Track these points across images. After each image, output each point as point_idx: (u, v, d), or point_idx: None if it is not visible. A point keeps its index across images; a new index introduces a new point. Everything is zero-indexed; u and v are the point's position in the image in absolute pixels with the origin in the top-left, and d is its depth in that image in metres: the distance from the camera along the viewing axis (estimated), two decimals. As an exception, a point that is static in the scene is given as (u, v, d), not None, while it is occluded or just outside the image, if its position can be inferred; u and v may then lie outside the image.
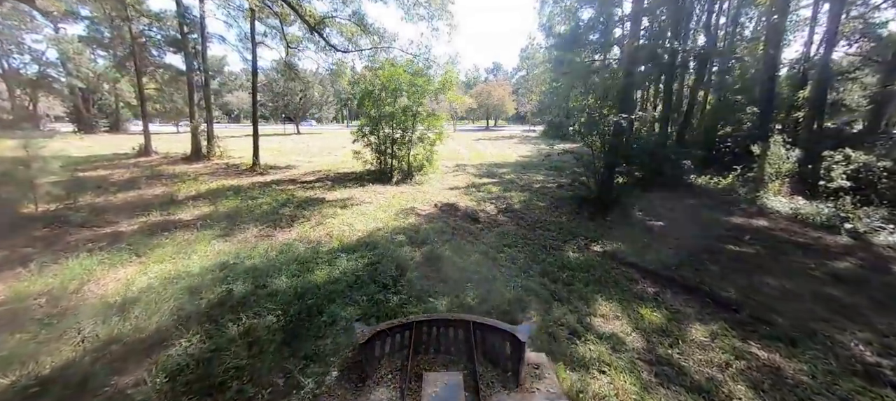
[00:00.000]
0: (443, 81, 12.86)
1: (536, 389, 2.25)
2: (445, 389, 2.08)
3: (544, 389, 2.25)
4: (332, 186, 11.42)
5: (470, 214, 8.28)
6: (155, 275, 4.88)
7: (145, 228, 7.04)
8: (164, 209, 8.28)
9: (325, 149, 24.48)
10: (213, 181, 11.92)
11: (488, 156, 21.12)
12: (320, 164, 17.05)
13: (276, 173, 14.09)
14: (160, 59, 21.55)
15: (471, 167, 16.26)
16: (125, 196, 9.72)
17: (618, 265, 5.59)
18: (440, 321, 2.60)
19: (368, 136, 13.25)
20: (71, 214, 7.58)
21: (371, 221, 7.48)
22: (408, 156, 13.15)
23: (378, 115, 12.84)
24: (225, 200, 9.25)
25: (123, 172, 13.38)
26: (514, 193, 10.73)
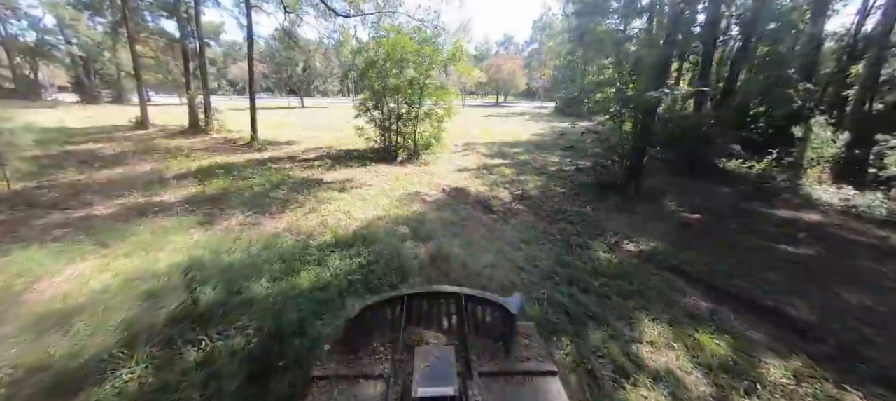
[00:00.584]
0: (452, 51, 11.69)
1: (526, 358, 2.27)
2: (437, 360, 2.06)
3: (533, 357, 2.29)
4: (332, 165, 10.58)
5: (482, 201, 7.42)
6: (116, 272, 4.16)
7: (122, 211, 6.32)
8: (148, 190, 7.54)
9: (329, 124, 23.49)
10: (206, 158, 11.14)
11: (499, 134, 19.99)
12: (322, 140, 16.16)
13: (275, 150, 13.26)
14: (155, 25, 20.40)
15: (481, 146, 15.24)
16: (110, 173, 9.00)
17: (658, 270, 4.74)
18: (431, 294, 2.62)
19: (372, 111, 12.27)
20: (43, 194, 6.89)
21: (371, 208, 6.67)
22: (414, 133, 12.19)
23: (382, 87, 11.80)
24: (214, 179, 8.48)
25: (115, 146, 12.66)
26: (530, 176, 9.79)
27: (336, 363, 2.21)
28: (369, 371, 2.14)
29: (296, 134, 17.94)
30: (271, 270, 4.22)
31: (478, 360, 2.23)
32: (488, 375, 2.12)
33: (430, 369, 2.00)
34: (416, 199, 7.37)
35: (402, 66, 11.83)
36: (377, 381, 2.09)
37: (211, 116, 17.03)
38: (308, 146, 14.26)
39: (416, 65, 11.61)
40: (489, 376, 2.11)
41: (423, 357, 2.09)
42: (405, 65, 11.75)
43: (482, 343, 2.41)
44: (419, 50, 11.41)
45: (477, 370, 2.11)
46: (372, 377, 2.11)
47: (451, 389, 1.85)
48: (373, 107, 12.20)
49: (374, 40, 12.59)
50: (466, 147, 14.83)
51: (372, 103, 12.18)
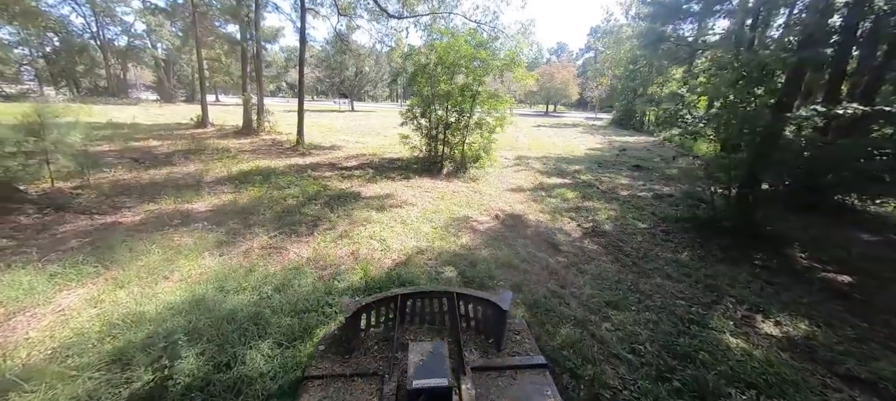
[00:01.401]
0: (511, 56, 10.42)
1: (517, 353, 2.32)
2: (430, 356, 2.04)
3: (524, 353, 2.33)
4: (373, 177, 9.72)
5: (545, 235, 6.04)
6: (101, 312, 3.40)
7: (147, 221, 5.79)
8: (182, 196, 7.08)
9: (375, 129, 23.15)
10: (248, 161, 10.83)
11: (552, 147, 18.30)
12: (366, 146, 15.57)
13: (318, 155, 12.79)
14: (222, 29, 21.31)
15: (534, 161, 13.75)
16: (154, 173, 8.82)
17: (830, 376, 3.11)
18: (424, 293, 2.64)
19: (419, 118, 11.33)
20: (78, 196, 6.62)
21: (411, 237, 5.57)
22: (462, 144, 11.06)
23: (431, 94, 10.82)
24: (250, 187, 7.92)
25: (169, 144, 12.90)
26: (598, 203, 8.19)
27: (330, 362, 2.20)
28: (364, 369, 2.14)
29: (341, 138, 17.61)
30: (280, 327, 3.22)
31: (470, 355, 2.27)
32: (480, 369, 2.14)
33: (424, 364, 1.98)
34: (464, 226, 6.17)
35: (454, 71, 10.79)
36: (372, 378, 2.08)
37: (263, 117, 17.19)
38: (351, 153, 13.68)
39: (468, 70, 10.50)
40: (481, 370, 2.14)
41: (417, 352, 2.06)
42: (457, 70, 10.69)
43: (474, 339, 2.45)
44: (473, 54, 10.29)
45: (469, 365, 2.13)
46: (367, 375, 2.10)
47: (444, 381, 1.83)
48: (420, 114, 11.26)
49: (425, 44, 11.66)
50: (518, 161, 13.41)
51: (419, 110, 11.25)
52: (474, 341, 2.45)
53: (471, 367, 2.14)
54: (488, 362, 2.24)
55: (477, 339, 2.48)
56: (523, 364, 2.22)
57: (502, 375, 2.14)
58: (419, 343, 2.21)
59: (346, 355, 2.29)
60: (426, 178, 9.93)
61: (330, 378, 2.09)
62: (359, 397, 1.98)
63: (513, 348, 2.40)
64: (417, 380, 1.84)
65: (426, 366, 1.97)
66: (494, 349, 2.37)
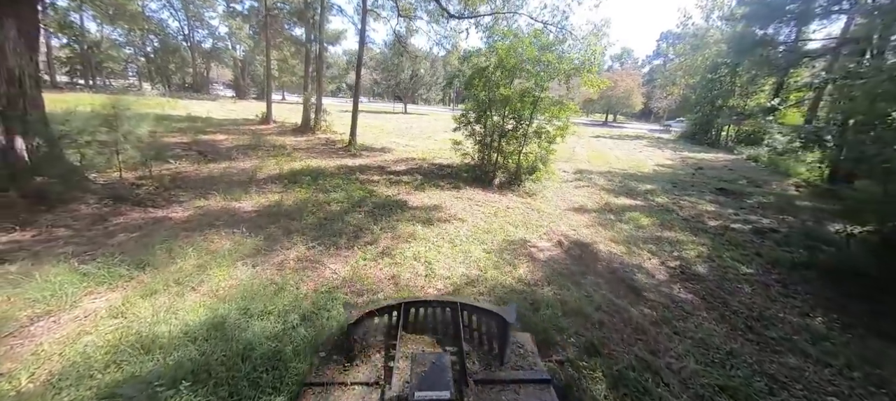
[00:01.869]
0: (583, 59, 9.31)
1: (520, 367, 2.28)
2: (433, 368, 2.02)
3: (527, 367, 2.29)
4: (421, 184, 9.15)
5: (621, 273, 4.96)
6: (115, 328, 3.07)
7: (193, 218, 5.67)
8: (231, 193, 7.00)
9: (426, 132, 22.87)
10: (301, 160, 10.83)
11: (615, 160, 16.59)
12: (416, 149, 15.18)
13: (367, 156, 12.58)
14: (289, 32, 22.36)
15: (597, 175, 12.37)
16: (212, 168, 9.02)
17: None
18: (429, 303, 2.60)
19: (473, 124, 10.60)
20: (138, 187, 6.77)
21: (460, 261, 4.82)
22: (518, 154, 10.12)
23: (487, 98, 10.04)
24: (297, 188, 7.71)
25: (233, 139, 13.47)
26: (682, 234, 6.84)
27: (331, 370, 2.17)
28: (365, 378, 2.10)
29: (392, 141, 17.45)
30: (298, 375, 2.63)
31: (473, 367, 2.23)
32: (483, 382, 2.10)
33: (426, 375, 1.96)
34: (521, 252, 5.29)
35: (515, 74, 9.92)
36: (373, 387, 2.03)
37: (320, 117, 17.58)
38: (400, 156, 13.32)
39: (531, 74, 9.56)
40: (484, 383, 2.10)
41: (420, 364, 2.05)
42: (518, 73, 9.81)
43: (477, 351, 2.41)
44: (538, 57, 9.34)
45: (472, 378, 2.10)
46: (367, 384, 2.05)
47: (446, 393, 1.80)
48: (474, 119, 10.52)
49: (486, 46, 10.92)
50: (578, 176, 12.13)
51: (474, 115, 10.52)
52: (477, 354, 2.40)
53: (474, 380, 2.09)
54: (491, 375, 2.19)
55: (480, 351, 2.43)
56: (527, 378, 2.16)
57: (505, 389, 2.08)
58: (422, 354, 2.17)
59: (346, 363, 2.23)
60: (477, 189, 9.16)
61: (329, 386, 2.03)
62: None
63: (516, 361, 2.36)
64: (419, 392, 1.78)
65: (428, 378, 1.93)
66: (497, 363, 2.31)
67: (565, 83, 9.85)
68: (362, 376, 2.12)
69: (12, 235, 4.50)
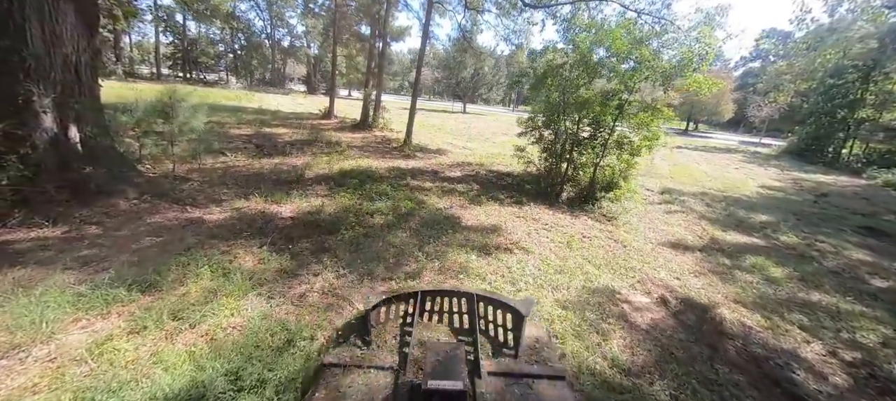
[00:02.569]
0: (687, 55, 7.40)
1: (535, 361, 2.26)
2: (447, 358, 2.02)
3: (543, 361, 2.26)
4: (478, 195, 7.98)
5: (770, 369, 3.30)
6: (82, 376, 2.36)
7: (227, 222, 5.12)
8: (273, 195, 6.44)
9: (484, 134, 21.62)
10: (353, 159, 10.27)
11: (705, 178, 13.89)
12: (474, 153, 14.03)
13: (422, 158, 11.71)
14: (356, 28, 22.49)
15: (689, 198, 10.17)
16: (263, 164, 8.73)
17: None
18: (446, 292, 2.63)
19: (541, 129, 9.16)
20: (183, 183, 6.50)
21: (527, 319, 3.57)
22: (594, 167, 8.48)
23: (561, 100, 8.53)
24: (343, 192, 6.99)
25: (291, 134, 13.48)
26: (841, 298, 4.82)
27: (348, 352, 2.20)
28: (380, 362, 2.12)
29: (448, 141, 16.50)
30: None
31: (487, 359, 2.24)
32: (496, 374, 2.10)
33: (440, 365, 1.95)
34: (610, 311, 3.88)
35: (597, 73, 8.30)
36: (386, 372, 2.05)
37: (378, 114, 17.22)
38: (456, 159, 12.26)
39: (618, 74, 7.88)
40: (498, 375, 2.10)
41: (434, 352, 2.08)
42: (602, 73, 8.18)
43: (492, 343, 2.43)
44: (629, 52, 7.64)
45: (486, 369, 2.10)
46: (382, 368, 2.07)
47: (459, 384, 1.77)
48: (543, 124, 9.08)
49: (563, 41, 9.38)
50: (666, 197, 10.06)
51: (542, 120, 9.08)
52: (492, 345, 2.40)
53: (488, 371, 2.08)
54: (505, 367, 2.17)
55: (495, 343, 2.43)
56: (541, 373, 2.13)
57: (519, 382, 2.05)
58: (437, 343, 2.22)
59: (363, 347, 2.26)
60: (542, 206, 7.75)
61: (346, 368, 2.05)
62: (374, 389, 1.91)
63: (531, 355, 2.32)
64: (433, 381, 1.78)
65: (442, 367, 1.94)
66: (512, 355, 2.30)
67: (662, 85, 7.97)
68: (378, 361, 2.13)
69: (42, 230, 4.21)
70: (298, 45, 45.97)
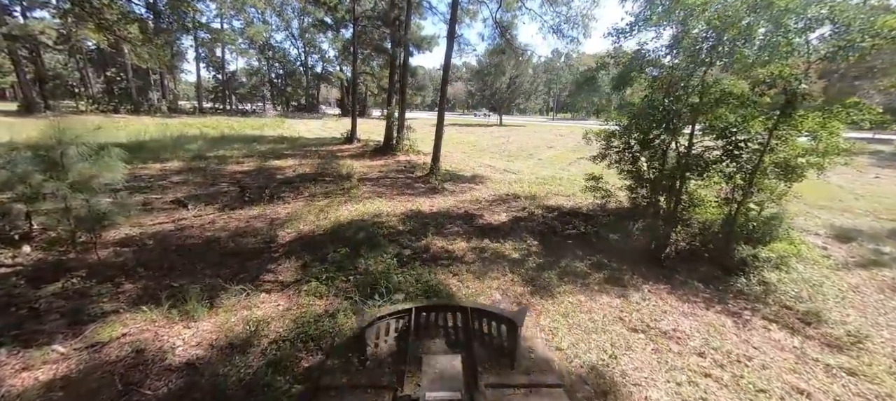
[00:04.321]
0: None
1: (532, 371, 2.27)
2: (444, 371, 2.04)
3: (539, 371, 2.28)
4: (541, 268, 4.78)
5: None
6: None
7: (47, 389, 2.46)
8: (186, 302, 3.78)
9: (526, 148, 18.32)
10: (362, 200, 7.54)
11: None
12: (519, 177, 10.84)
13: (452, 192, 8.73)
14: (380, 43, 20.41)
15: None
16: (231, 220, 6.22)
17: None
18: (440, 307, 2.63)
19: (635, 150, 5.85)
20: (64, 273, 4.02)
21: None
22: (735, 204, 5.01)
23: (666, 107, 5.22)
24: (321, 277, 4.17)
25: (300, 165, 11.17)
26: None
27: (343, 373, 2.20)
28: (377, 381, 2.12)
29: (485, 163, 13.44)
30: None
31: (484, 371, 2.22)
32: (494, 386, 2.10)
33: (437, 377, 1.98)
34: None
35: (730, 55, 4.93)
36: (384, 391, 2.03)
37: (402, 135, 14.65)
38: (498, 189, 9.15)
39: (782, 50, 4.44)
40: (495, 387, 2.09)
41: (431, 366, 2.09)
42: (746, 54, 4.78)
43: (488, 355, 2.40)
44: (803, 7, 4.19)
45: (483, 381, 2.09)
46: (379, 387, 2.05)
47: (457, 396, 1.82)
48: (639, 142, 5.76)
49: (657, 11, 6.00)
50: (868, 250, 6.18)
51: (637, 136, 5.76)
52: (488, 357, 2.38)
53: (484, 384, 2.08)
54: (502, 379, 2.17)
55: (491, 355, 2.41)
56: (538, 383, 2.14)
57: (516, 393, 2.06)
58: (433, 357, 2.19)
59: (359, 366, 2.25)
60: (650, 278, 4.42)
61: (342, 389, 2.04)
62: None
63: (528, 366, 2.36)
64: (430, 394, 1.82)
65: (439, 379, 1.96)
66: (509, 366, 2.29)
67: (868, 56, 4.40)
68: (375, 378, 2.12)
69: None
70: (331, 69, 45.71)
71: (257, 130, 21.01)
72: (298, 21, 41.21)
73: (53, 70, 28.12)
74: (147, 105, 29.66)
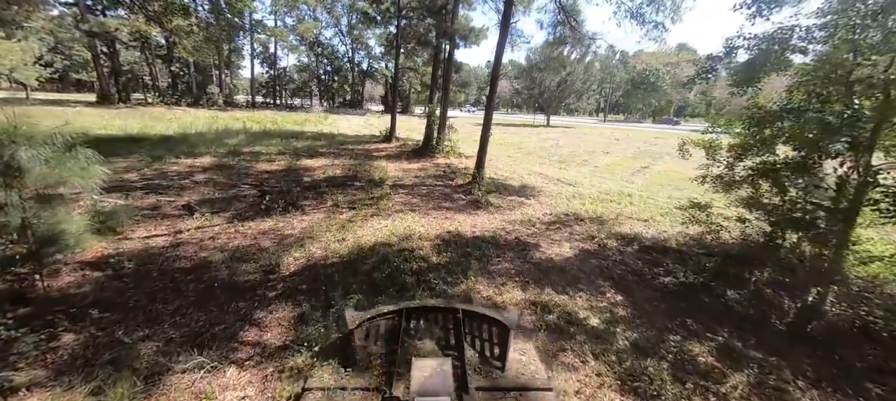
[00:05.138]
0: None
1: (521, 374, 2.26)
2: (434, 373, 2.01)
3: (529, 374, 2.26)
4: (630, 331, 3.20)
5: None
6: None
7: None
8: (136, 371, 2.70)
9: (579, 153, 16.22)
10: (389, 215, 6.29)
11: None
12: (577, 189, 9.04)
13: (498, 210, 7.21)
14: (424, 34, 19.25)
15: None
16: (236, 235, 5.25)
17: None
18: (430, 309, 2.56)
19: (774, 171, 3.99)
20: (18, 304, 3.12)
21: None
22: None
23: (845, 114, 3.33)
24: (316, 332, 2.94)
25: (332, 166, 10.25)
26: None
27: (331, 374, 2.16)
28: (365, 383, 2.10)
29: (535, 170, 11.73)
30: None
31: (474, 374, 2.22)
32: (485, 389, 2.09)
33: (427, 381, 1.94)
34: None
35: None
36: (373, 393, 2.02)
37: (443, 135, 13.34)
38: (555, 208, 7.48)
39: None
40: (485, 390, 2.09)
41: (420, 369, 2.05)
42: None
43: (478, 357, 2.40)
44: None
45: (473, 384, 2.07)
46: (368, 389, 2.04)
47: (447, 399, 1.81)
48: (791, 165, 3.89)
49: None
50: None
51: (799, 154, 3.89)
52: (479, 360, 2.36)
53: (475, 386, 2.06)
54: (492, 381, 2.18)
55: (482, 357, 2.39)
56: (528, 385, 2.14)
57: (506, 396, 2.07)
58: (422, 359, 2.17)
59: (347, 368, 2.21)
60: (823, 378, 2.63)
61: (330, 391, 2.02)
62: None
63: (518, 368, 2.32)
64: (420, 397, 1.81)
65: (429, 383, 1.93)
66: (499, 369, 2.29)
67: None
68: (363, 381, 2.11)
69: None
70: (376, 66, 45.69)
71: (299, 126, 20.84)
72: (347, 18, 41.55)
73: (127, 65, 30.37)
74: (205, 99, 31.13)
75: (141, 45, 28.80)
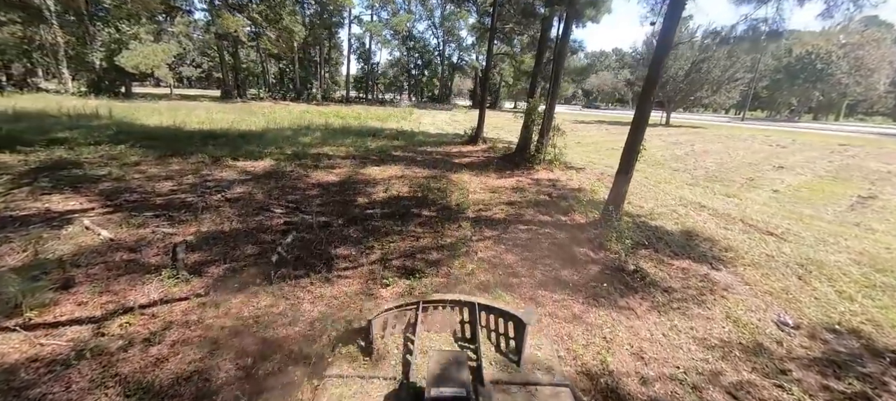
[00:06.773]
0: None
1: (537, 370, 2.20)
2: (449, 365, 1.94)
3: (545, 369, 2.20)
4: None
5: None
6: None
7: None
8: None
9: (735, 168, 10.99)
10: (461, 285, 3.44)
11: None
12: (790, 241, 4.87)
13: (669, 294, 3.71)
14: (530, 4, 15.79)
15: None
16: (190, 333, 2.97)
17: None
18: (447, 302, 2.53)
19: None
20: None
21: None
22: None
23: None
24: None
25: (401, 178, 7.85)
26: None
27: (349, 362, 2.17)
28: (383, 372, 2.10)
29: (688, 197, 7.54)
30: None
31: (489, 367, 2.18)
32: (500, 382, 2.06)
33: (443, 372, 1.90)
34: None
35: None
36: (389, 381, 2.03)
37: (546, 139, 9.95)
38: (790, 298, 3.64)
39: None
40: (501, 383, 2.05)
41: (436, 361, 1.98)
42: None
43: (494, 351, 2.37)
44: None
45: (488, 377, 2.06)
46: (385, 378, 2.05)
47: (462, 392, 1.75)
48: None
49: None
50: None
51: None
52: (495, 353, 2.36)
53: (490, 380, 2.05)
54: (508, 376, 2.14)
55: (498, 351, 2.39)
56: (544, 381, 2.10)
57: (521, 390, 2.03)
58: (439, 351, 2.09)
59: (365, 357, 2.23)
60: None
61: (348, 378, 2.03)
62: (376, 398, 1.90)
63: (534, 364, 2.30)
64: (435, 388, 1.76)
65: (445, 375, 1.89)
66: (515, 363, 2.27)
67: None
68: (380, 370, 2.12)
69: None
70: (466, 58, 43.34)
71: (381, 122, 19.47)
72: (441, 9, 39.96)
73: (245, 64, 33.50)
74: (306, 94, 32.62)
75: (256, 45, 31.26)
